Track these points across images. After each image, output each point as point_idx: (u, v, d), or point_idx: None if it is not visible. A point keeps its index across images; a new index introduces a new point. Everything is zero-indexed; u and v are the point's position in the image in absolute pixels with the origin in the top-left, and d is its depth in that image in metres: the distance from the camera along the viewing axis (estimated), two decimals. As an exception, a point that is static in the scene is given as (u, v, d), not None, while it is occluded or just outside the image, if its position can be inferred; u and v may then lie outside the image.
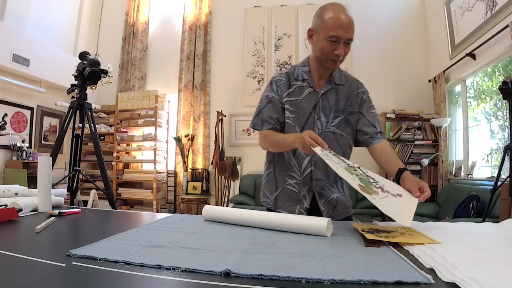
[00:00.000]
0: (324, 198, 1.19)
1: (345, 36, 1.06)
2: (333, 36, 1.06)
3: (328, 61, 1.12)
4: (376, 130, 1.21)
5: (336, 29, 1.05)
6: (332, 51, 1.08)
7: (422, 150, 4.26)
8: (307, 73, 1.21)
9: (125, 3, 5.37)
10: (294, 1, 4.83)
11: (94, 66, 2.37)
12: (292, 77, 1.22)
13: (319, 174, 1.19)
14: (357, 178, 0.92)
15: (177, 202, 4.75)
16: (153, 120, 4.56)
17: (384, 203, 0.85)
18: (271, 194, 1.27)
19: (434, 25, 4.38)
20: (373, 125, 1.21)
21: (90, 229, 0.94)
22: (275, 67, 4.81)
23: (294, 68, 1.25)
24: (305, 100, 1.19)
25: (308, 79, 1.20)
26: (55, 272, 0.51)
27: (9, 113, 4.01)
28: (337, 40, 1.06)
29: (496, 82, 3.49)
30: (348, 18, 1.07)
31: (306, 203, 1.19)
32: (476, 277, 0.45)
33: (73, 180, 2.52)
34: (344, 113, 1.20)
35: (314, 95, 1.19)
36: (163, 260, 0.56)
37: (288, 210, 1.22)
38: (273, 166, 1.28)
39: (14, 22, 3.87)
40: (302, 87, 1.20)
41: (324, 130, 1.18)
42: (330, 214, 1.19)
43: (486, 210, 2.58)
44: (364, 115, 1.22)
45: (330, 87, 1.20)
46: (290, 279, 0.49)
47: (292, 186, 1.21)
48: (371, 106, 1.24)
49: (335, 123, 1.19)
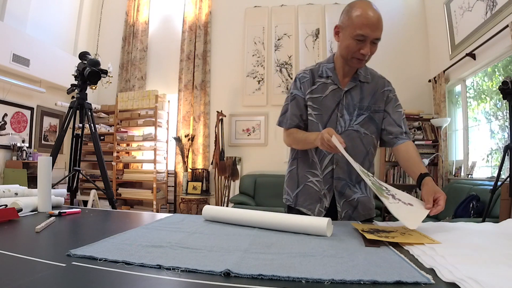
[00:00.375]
0: (345, 198, 1.17)
1: (372, 35, 1.03)
2: (360, 35, 1.03)
3: (354, 60, 1.10)
4: (401, 130, 1.17)
5: (364, 28, 1.02)
6: (358, 50, 1.06)
7: (422, 150, 4.26)
8: (331, 70, 1.19)
9: (125, 3, 5.37)
10: (294, 1, 4.83)
11: (94, 66, 2.37)
12: (316, 74, 1.21)
13: (341, 173, 1.17)
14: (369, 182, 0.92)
15: (177, 202, 4.75)
16: (153, 120, 4.56)
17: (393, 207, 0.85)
18: (292, 191, 1.26)
19: (434, 25, 4.38)
20: (399, 124, 1.18)
21: (90, 229, 0.94)
22: (275, 67, 4.81)
23: (319, 65, 1.23)
24: (328, 97, 1.17)
25: (332, 76, 1.18)
26: (55, 272, 0.51)
27: (9, 113, 4.01)
28: (363, 39, 1.04)
29: (496, 82, 3.49)
30: (376, 16, 1.03)
31: (326, 202, 1.18)
32: (476, 277, 0.45)
33: (73, 180, 2.53)
34: (369, 111, 1.17)
35: (337, 92, 1.17)
36: (163, 260, 0.56)
37: (308, 208, 1.20)
38: (296, 163, 1.27)
39: (14, 22, 3.87)
40: (326, 84, 1.19)
41: (348, 128, 1.16)
42: (349, 215, 1.17)
43: (486, 210, 2.58)
44: (389, 113, 1.19)
45: (354, 85, 1.17)
46: (290, 279, 0.49)
47: (314, 184, 1.20)
48: (397, 105, 1.21)
49: (359, 121, 1.17)
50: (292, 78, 4.72)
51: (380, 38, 1.06)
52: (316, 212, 1.19)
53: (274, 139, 4.73)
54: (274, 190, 4.31)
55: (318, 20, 4.76)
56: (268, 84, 4.79)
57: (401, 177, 4.28)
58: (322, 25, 4.73)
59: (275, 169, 4.58)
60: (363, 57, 1.07)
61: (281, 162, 4.64)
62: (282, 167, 4.54)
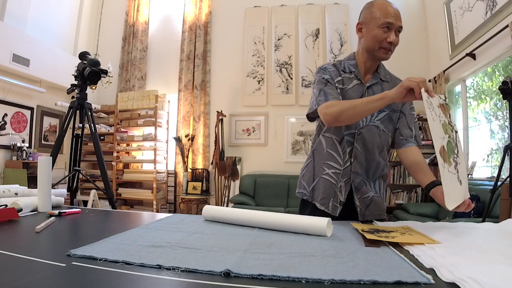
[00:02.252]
0: (360, 194, 1.16)
1: (397, 23, 1.10)
2: (386, 22, 1.09)
3: (381, 50, 1.13)
4: (411, 133, 1.19)
5: (389, 16, 1.09)
6: (385, 39, 1.11)
7: (422, 150, 4.22)
8: (354, 66, 1.22)
9: (125, 3, 5.37)
10: (294, 1, 4.83)
11: (94, 66, 2.37)
12: (339, 69, 1.23)
13: (358, 168, 1.17)
14: (447, 138, 0.85)
15: (177, 202, 4.75)
16: (153, 120, 4.56)
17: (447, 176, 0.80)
18: (309, 185, 1.24)
19: (434, 25, 4.38)
20: (410, 127, 1.20)
21: (90, 229, 0.94)
22: (275, 67, 4.81)
23: (340, 62, 1.26)
24: (352, 90, 1.19)
25: (355, 71, 1.21)
26: (55, 272, 0.51)
27: (9, 113, 4.01)
28: (390, 27, 1.10)
29: (496, 82, 3.49)
30: (395, 8, 1.13)
31: (341, 196, 1.16)
32: (476, 277, 0.45)
33: (73, 180, 2.53)
34: (389, 109, 1.18)
35: (360, 87, 1.19)
36: (163, 260, 0.56)
37: (322, 203, 1.18)
38: (312, 156, 1.26)
39: (14, 22, 3.87)
40: (349, 78, 1.21)
41: (369, 123, 1.17)
42: (363, 212, 1.16)
43: (486, 210, 2.58)
44: (405, 115, 1.21)
45: (376, 81, 1.20)
46: (290, 279, 0.49)
47: (330, 176, 1.18)
48: (412, 107, 1.23)
49: (379, 117, 1.18)
50: (292, 78, 4.73)
51: (402, 28, 1.12)
52: (330, 207, 1.16)
53: (274, 139, 4.73)
54: (274, 190, 4.31)
55: (318, 20, 4.76)
56: (268, 84, 4.79)
57: (401, 177, 4.28)
58: (322, 25, 4.73)
59: (275, 169, 4.58)
60: (390, 46, 1.12)
61: (281, 162, 4.64)
62: (282, 167, 4.57)
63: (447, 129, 0.87)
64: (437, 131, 0.82)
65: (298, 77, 4.72)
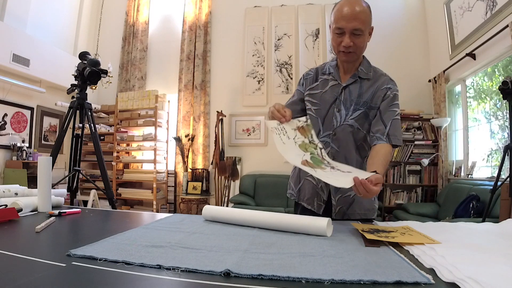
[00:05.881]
0: (340, 193, 1.17)
1: (348, 26, 1.06)
2: (337, 28, 1.08)
3: (340, 54, 1.14)
4: (383, 130, 1.12)
5: (339, 21, 1.07)
6: (340, 43, 1.10)
7: (422, 150, 4.26)
8: (333, 67, 1.23)
9: (125, 3, 5.36)
10: (294, 1, 4.83)
11: (94, 66, 2.37)
12: (320, 72, 1.26)
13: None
14: (309, 154, 0.92)
15: (177, 202, 4.75)
16: (153, 120, 4.56)
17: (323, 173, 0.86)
18: (296, 186, 1.30)
19: (434, 25, 4.38)
20: (385, 124, 1.13)
21: (90, 229, 0.94)
22: (275, 67, 4.81)
23: (325, 64, 1.29)
24: (328, 92, 1.21)
25: (333, 72, 1.22)
26: (55, 272, 0.51)
27: (9, 113, 4.01)
28: (342, 32, 1.08)
29: (496, 82, 3.49)
30: (352, 8, 1.05)
31: (324, 196, 1.19)
32: (476, 277, 0.45)
33: (73, 180, 2.52)
34: (365, 107, 1.16)
35: (337, 88, 1.20)
36: (163, 260, 0.56)
37: (308, 203, 1.23)
38: None
39: (14, 22, 3.87)
40: (326, 80, 1.23)
41: (343, 122, 1.17)
42: (343, 212, 1.17)
43: (486, 210, 2.58)
44: (381, 111, 1.15)
45: (353, 81, 1.19)
46: (290, 279, 0.49)
47: (312, 178, 1.21)
48: (393, 104, 1.15)
49: (354, 116, 1.17)
50: (292, 78, 4.73)
51: (360, 29, 1.06)
52: (315, 206, 1.21)
53: (274, 139, 4.72)
54: (274, 190, 4.31)
55: (318, 20, 4.76)
56: (268, 84, 4.79)
57: (401, 177, 4.28)
58: (322, 25, 4.73)
59: (275, 169, 4.58)
60: (345, 49, 1.10)
61: (281, 162, 4.63)
62: (282, 167, 4.56)
63: (308, 147, 0.97)
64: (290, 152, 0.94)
65: (298, 77, 4.71)
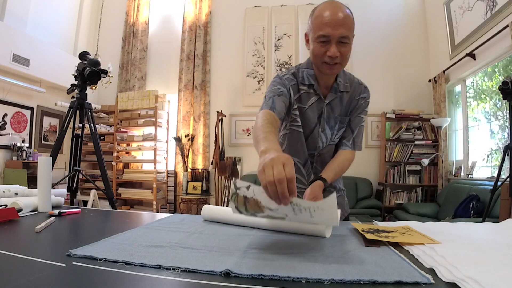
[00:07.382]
0: None
1: (334, 33, 0.93)
2: (321, 36, 0.95)
3: (324, 66, 1.00)
4: (351, 137, 1.12)
5: (323, 28, 0.94)
6: (324, 53, 0.97)
7: (422, 150, 4.26)
8: (313, 78, 1.09)
9: (125, 3, 5.37)
10: (294, 1, 4.83)
11: (94, 66, 2.37)
12: (298, 80, 1.11)
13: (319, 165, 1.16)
14: None
15: (177, 202, 4.75)
16: (153, 120, 4.56)
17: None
18: None
19: (434, 25, 4.38)
20: (352, 130, 1.13)
21: (90, 229, 0.94)
22: (275, 67, 4.81)
23: (298, 69, 1.13)
24: (311, 109, 1.11)
25: (315, 85, 1.09)
26: (55, 272, 0.51)
27: (9, 113, 4.01)
28: (327, 40, 0.95)
29: (496, 82, 3.49)
30: (336, 13, 0.93)
31: None
32: (476, 277, 0.45)
33: (73, 180, 2.52)
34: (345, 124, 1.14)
35: (320, 104, 1.11)
36: (163, 260, 0.56)
37: None
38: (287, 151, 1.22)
39: (14, 22, 3.87)
40: (308, 93, 1.10)
41: (329, 142, 1.14)
42: None
43: (486, 210, 2.58)
44: (351, 119, 1.14)
45: (335, 96, 1.10)
46: (290, 279, 0.49)
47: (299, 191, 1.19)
48: (362, 111, 1.14)
49: (339, 135, 1.14)
50: (292, 78, 4.72)
51: (347, 36, 0.95)
52: None
53: (274, 139, 4.72)
54: (274, 190, 4.31)
55: (318, 20, 4.76)
56: (268, 84, 4.78)
57: (401, 177, 4.28)
58: (322, 25, 4.73)
59: (275, 169, 4.57)
60: (331, 60, 0.97)
61: (281, 162, 4.63)
62: (282, 167, 4.55)
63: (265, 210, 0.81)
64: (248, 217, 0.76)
65: (298, 77, 4.72)
